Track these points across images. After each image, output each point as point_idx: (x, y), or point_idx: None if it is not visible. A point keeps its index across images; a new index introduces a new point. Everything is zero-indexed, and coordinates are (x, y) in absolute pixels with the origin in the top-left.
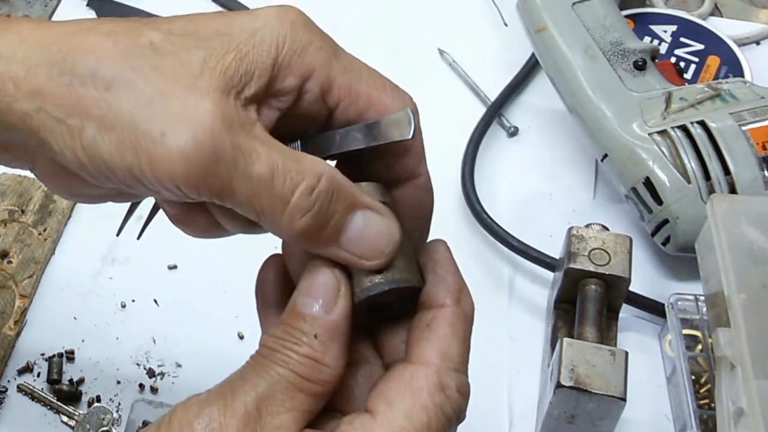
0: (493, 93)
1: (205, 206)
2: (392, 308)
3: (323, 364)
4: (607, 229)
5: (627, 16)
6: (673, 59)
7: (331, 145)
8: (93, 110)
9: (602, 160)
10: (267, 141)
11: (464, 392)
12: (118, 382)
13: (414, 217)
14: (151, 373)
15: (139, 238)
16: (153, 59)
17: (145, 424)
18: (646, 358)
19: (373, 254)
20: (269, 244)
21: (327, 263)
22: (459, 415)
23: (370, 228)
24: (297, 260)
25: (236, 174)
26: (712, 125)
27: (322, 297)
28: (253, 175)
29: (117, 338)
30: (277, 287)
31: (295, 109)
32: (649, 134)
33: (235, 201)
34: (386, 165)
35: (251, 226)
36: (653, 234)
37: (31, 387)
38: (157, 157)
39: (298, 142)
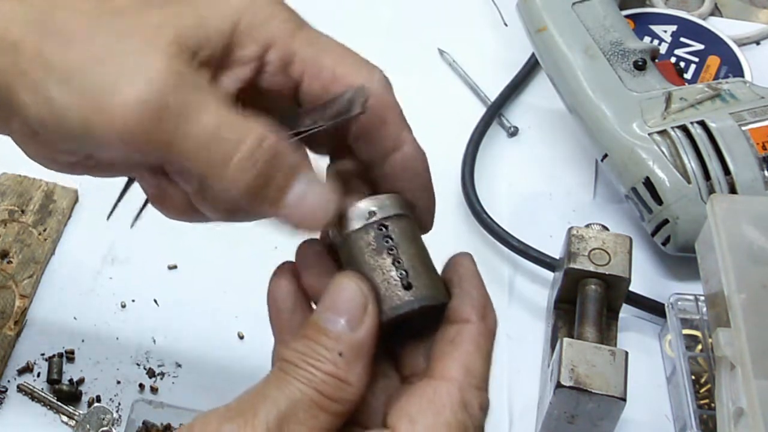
0: (493, 93)
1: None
2: (415, 323)
3: (347, 383)
4: (607, 229)
5: (627, 16)
6: (673, 59)
7: (294, 123)
8: (54, 64)
9: (602, 160)
10: (216, 100)
11: (485, 410)
12: (118, 382)
13: (410, 189)
14: (151, 373)
15: (132, 226)
16: (115, 20)
17: (145, 424)
18: (646, 358)
19: (310, 223)
20: (270, 244)
21: (354, 278)
22: None
23: (310, 195)
24: (313, 273)
25: (183, 128)
26: (712, 125)
27: (347, 314)
28: (200, 128)
29: (117, 338)
30: (291, 295)
31: (259, 82)
32: (649, 134)
33: (182, 158)
34: (366, 140)
35: (228, 212)
36: (653, 234)
37: (31, 387)
38: (106, 110)
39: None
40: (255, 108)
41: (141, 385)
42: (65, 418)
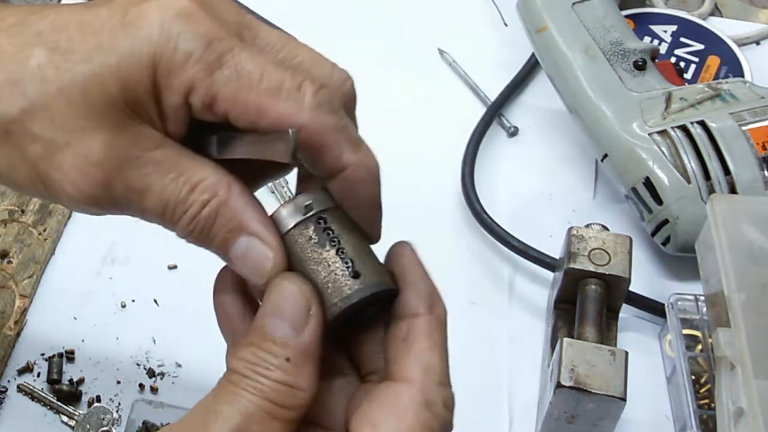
0: (493, 93)
1: None
2: (366, 314)
3: (297, 389)
4: (607, 229)
5: (627, 16)
6: (673, 59)
7: (234, 147)
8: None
9: (602, 160)
10: (160, 161)
11: (450, 406)
12: (118, 382)
13: (356, 207)
14: (151, 373)
15: None
16: (41, 93)
17: (145, 424)
18: (646, 358)
19: (255, 277)
20: None
21: (293, 279)
22: (447, 430)
23: (252, 253)
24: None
25: (132, 209)
26: (712, 125)
27: (291, 317)
28: (146, 210)
29: (117, 338)
30: (238, 299)
31: (193, 117)
32: (649, 134)
33: (139, 214)
34: (310, 164)
35: None
36: (653, 234)
37: (31, 387)
38: (63, 200)
39: (215, 137)
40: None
41: (141, 385)
42: (65, 418)
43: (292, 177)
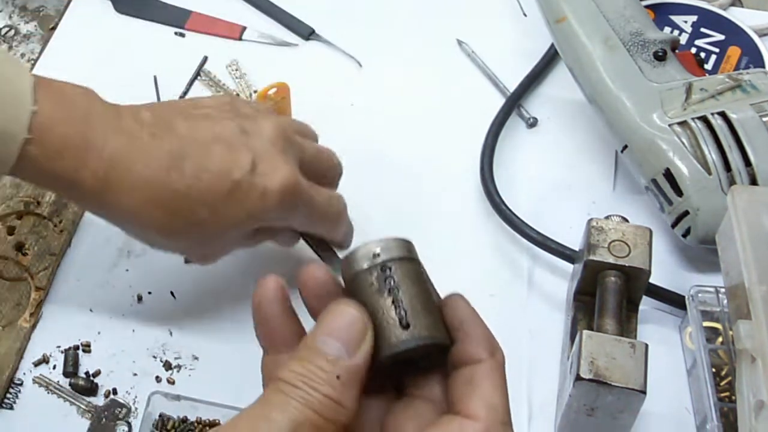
0: (512, 84)
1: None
2: (415, 362)
3: (342, 406)
4: (627, 220)
5: (647, 7)
6: (693, 50)
7: None
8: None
9: (622, 152)
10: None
11: None
12: (135, 375)
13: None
14: (167, 366)
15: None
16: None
17: (161, 416)
18: (666, 350)
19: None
20: None
21: (354, 305)
22: None
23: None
24: (316, 294)
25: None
26: (732, 116)
27: (346, 340)
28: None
29: (133, 330)
30: (279, 303)
31: None
32: (669, 125)
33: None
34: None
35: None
36: (673, 226)
37: (47, 379)
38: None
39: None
40: None
41: (158, 378)
42: (82, 411)
43: None
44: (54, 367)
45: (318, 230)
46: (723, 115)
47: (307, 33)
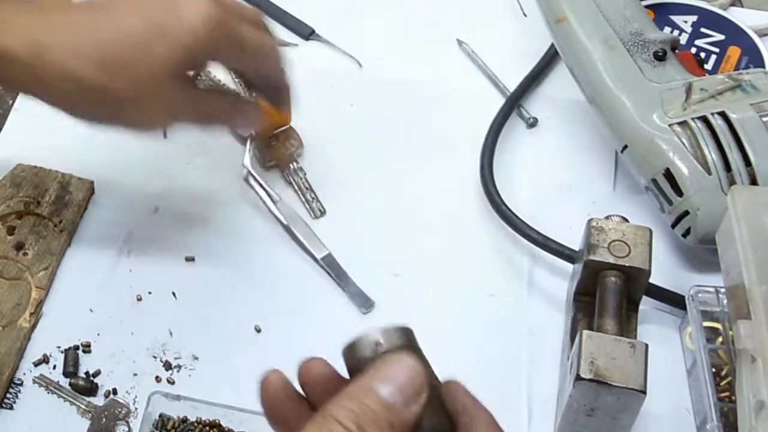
0: (512, 84)
1: None
2: None
3: None
4: (627, 220)
5: (647, 7)
6: (693, 50)
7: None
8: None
9: (622, 152)
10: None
11: None
12: (135, 375)
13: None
14: (167, 366)
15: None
16: None
17: (161, 416)
18: (667, 350)
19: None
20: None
21: (415, 358)
22: None
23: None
24: (319, 385)
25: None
26: (732, 116)
27: (405, 390)
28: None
29: (133, 331)
30: (285, 388)
31: None
32: (669, 125)
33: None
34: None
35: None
36: (673, 226)
37: (47, 379)
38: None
39: None
40: None
41: (158, 378)
42: (82, 411)
43: (308, 168)
44: (54, 367)
45: (250, 66)
46: (723, 115)
47: (307, 33)
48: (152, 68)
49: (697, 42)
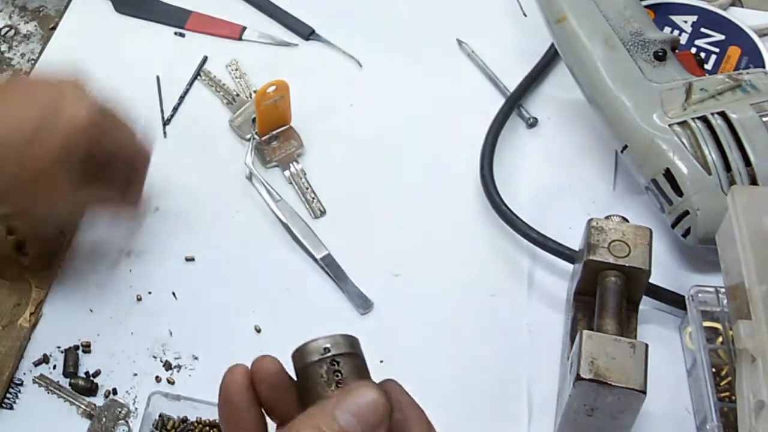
0: (512, 84)
1: None
2: None
3: None
4: (627, 220)
5: (647, 7)
6: (693, 50)
7: None
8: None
9: (622, 152)
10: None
11: None
12: (135, 375)
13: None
14: (167, 366)
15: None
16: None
17: (161, 416)
18: (667, 350)
19: None
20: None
21: (378, 390)
22: None
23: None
24: (268, 385)
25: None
26: (732, 116)
27: (365, 422)
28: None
29: (133, 331)
30: (246, 393)
31: None
32: (669, 125)
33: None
34: None
35: None
36: (673, 226)
37: (47, 379)
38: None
39: None
40: None
41: (158, 378)
42: (82, 411)
43: (308, 168)
44: (54, 367)
45: (124, 167)
46: (723, 115)
47: (307, 33)
48: (37, 164)
49: (697, 42)
